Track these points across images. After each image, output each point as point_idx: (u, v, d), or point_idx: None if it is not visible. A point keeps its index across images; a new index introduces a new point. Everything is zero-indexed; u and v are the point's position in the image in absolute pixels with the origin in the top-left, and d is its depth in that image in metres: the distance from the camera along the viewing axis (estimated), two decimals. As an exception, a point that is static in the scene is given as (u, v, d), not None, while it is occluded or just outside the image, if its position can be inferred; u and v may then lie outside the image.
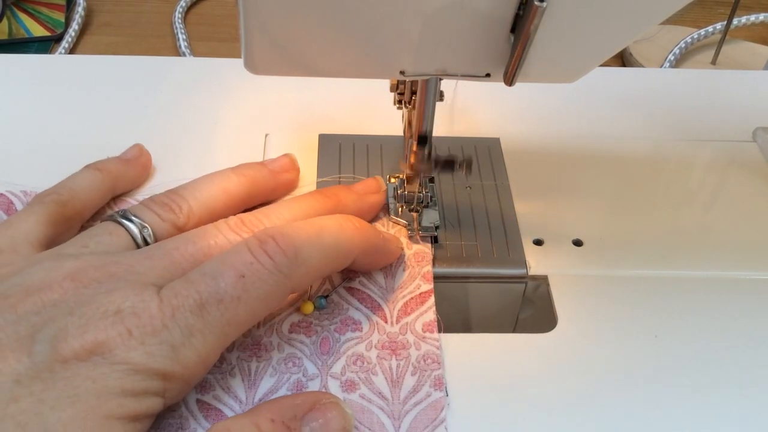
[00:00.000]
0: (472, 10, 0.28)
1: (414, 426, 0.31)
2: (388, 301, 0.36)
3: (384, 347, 0.34)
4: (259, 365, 0.33)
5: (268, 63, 0.31)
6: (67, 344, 0.27)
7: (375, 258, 0.36)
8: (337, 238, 0.33)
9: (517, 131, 0.47)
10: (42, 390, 0.26)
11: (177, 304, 0.28)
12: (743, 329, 0.36)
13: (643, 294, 0.37)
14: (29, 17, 0.67)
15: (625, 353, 0.35)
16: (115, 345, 0.27)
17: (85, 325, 0.27)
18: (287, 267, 0.30)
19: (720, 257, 0.40)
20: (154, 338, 0.27)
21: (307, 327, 0.34)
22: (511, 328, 0.41)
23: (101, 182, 0.38)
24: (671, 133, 0.48)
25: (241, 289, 0.29)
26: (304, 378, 0.33)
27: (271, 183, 0.39)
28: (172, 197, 0.36)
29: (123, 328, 0.27)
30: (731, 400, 0.33)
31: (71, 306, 0.28)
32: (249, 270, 0.29)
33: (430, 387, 0.32)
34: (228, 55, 0.63)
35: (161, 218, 0.34)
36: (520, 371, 0.34)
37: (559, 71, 0.32)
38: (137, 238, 0.34)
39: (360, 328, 0.35)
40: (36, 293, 0.29)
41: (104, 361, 0.27)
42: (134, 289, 0.29)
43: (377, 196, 0.39)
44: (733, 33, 0.70)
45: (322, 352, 0.34)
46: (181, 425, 0.31)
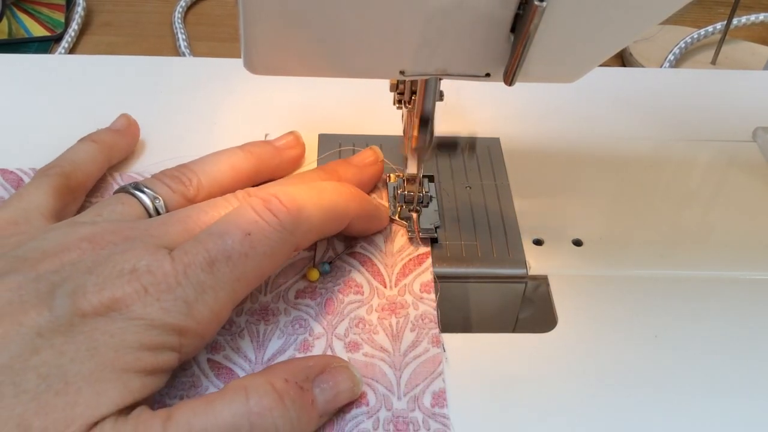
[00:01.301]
0: (472, 10, 0.28)
1: (413, 377, 0.33)
2: (387, 266, 0.38)
3: (384, 309, 0.36)
4: (267, 327, 0.34)
5: (268, 63, 0.31)
6: (86, 300, 0.28)
7: (368, 223, 0.38)
8: (335, 200, 0.34)
9: (517, 131, 0.47)
10: (62, 343, 0.27)
11: (188, 262, 0.29)
12: (743, 329, 0.36)
13: (643, 294, 0.37)
14: (29, 17, 0.67)
15: (625, 353, 0.35)
16: (132, 301, 0.28)
17: (103, 282, 0.28)
18: (290, 224, 0.32)
19: (720, 257, 0.40)
20: (169, 295, 0.28)
21: (312, 291, 0.36)
22: (511, 328, 0.41)
23: (98, 153, 0.40)
24: (671, 133, 0.48)
25: (248, 246, 0.30)
26: (310, 337, 0.34)
27: (277, 159, 0.41)
28: (183, 171, 0.37)
29: (139, 285, 0.28)
30: (731, 400, 0.33)
31: (89, 265, 0.29)
32: (254, 227, 0.31)
33: (428, 343, 0.34)
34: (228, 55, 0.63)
35: (172, 190, 0.36)
36: (520, 371, 0.34)
37: (559, 71, 0.32)
38: (149, 208, 0.35)
39: (361, 291, 0.36)
40: (54, 254, 0.30)
41: (121, 316, 0.28)
42: (148, 250, 0.30)
43: (375, 167, 0.41)
44: (733, 33, 0.70)
45: (327, 312, 0.35)
46: (193, 383, 0.32)
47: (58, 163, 0.38)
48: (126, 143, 0.42)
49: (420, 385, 0.32)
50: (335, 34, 0.29)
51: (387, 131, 0.45)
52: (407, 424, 0.31)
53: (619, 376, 0.34)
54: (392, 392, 0.32)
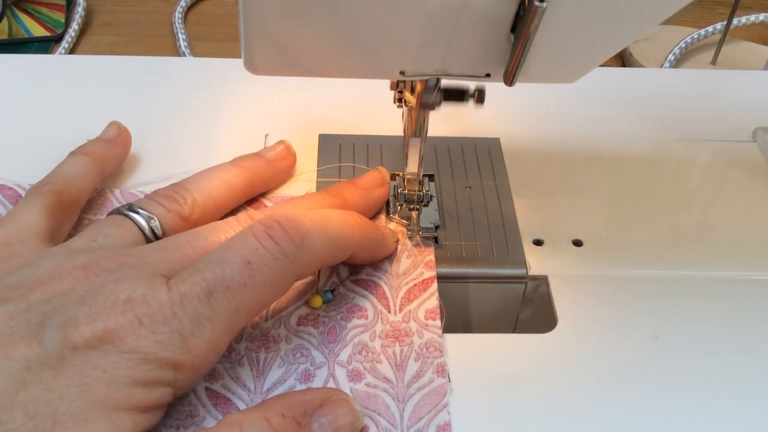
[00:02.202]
0: (472, 10, 0.28)
1: (417, 410, 0.32)
2: (392, 288, 0.37)
3: (387, 336, 0.35)
4: (267, 356, 0.33)
5: (268, 63, 0.31)
6: (78, 332, 0.27)
7: (372, 252, 0.37)
8: (340, 229, 0.33)
9: (517, 131, 0.47)
10: (52, 378, 0.26)
11: (185, 292, 0.28)
12: (743, 329, 0.36)
13: (643, 294, 0.37)
14: (29, 17, 0.67)
15: (625, 353, 0.35)
16: (126, 334, 0.27)
17: (96, 313, 0.27)
18: (292, 253, 0.30)
19: (720, 257, 0.40)
20: (164, 327, 0.28)
21: (314, 319, 0.35)
22: (511, 328, 0.41)
23: (91, 166, 0.39)
24: (671, 133, 0.48)
25: (247, 275, 0.29)
26: (311, 367, 0.33)
27: (269, 172, 0.41)
28: (176, 189, 0.36)
29: (133, 316, 0.27)
30: (731, 399, 0.33)
31: (81, 295, 0.28)
32: (255, 256, 0.29)
33: (433, 373, 0.33)
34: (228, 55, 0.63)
35: (167, 209, 0.35)
36: (520, 371, 0.34)
37: (559, 71, 0.32)
38: (145, 229, 0.34)
39: (365, 315, 0.35)
40: (46, 282, 0.29)
41: (114, 349, 0.27)
42: (143, 279, 0.29)
43: (382, 189, 0.40)
44: (733, 33, 0.70)
45: (329, 340, 0.34)
46: (190, 413, 0.31)
47: (49, 180, 0.37)
48: (118, 153, 0.41)
49: (424, 418, 0.31)
50: (335, 34, 0.29)
51: (387, 131, 0.45)
52: None
53: (619, 376, 0.34)
54: (395, 426, 0.31)
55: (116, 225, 0.34)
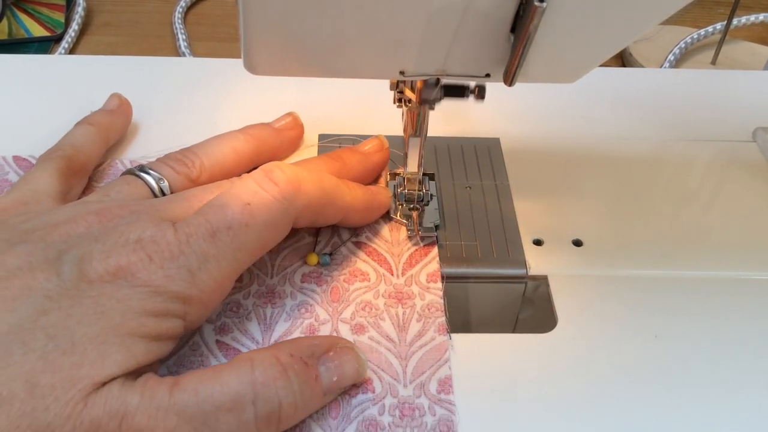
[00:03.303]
0: (472, 10, 0.28)
1: (420, 365, 0.33)
2: (393, 255, 0.38)
3: (390, 296, 0.36)
4: (273, 311, 0.35)
5: (268, 63, 0.31)
6: (92, 267, 0.29)
7: (367, 214, 0.39)
8: (334, 187, 0.36)
9: (517, 131, 0.47)
10: (70, 306, 0.28)
11: (191, 232, 0.30)
12: (743, 329, 0.36)
13: (643, 294, 0.37)
14: (29, 17, 0.67)
15: (625, 353, 0.35)
16: (137, 269, 0.29)
17: (109, 250, 0.29)
18: (291, 194, 0.33)
19: (720, 257, 0.40)
20: (172, 263, 0.29)
21: (317, 277, 0.37)
22: (511, 328, 0.41)
23: (96, 135, 0.41)
24: (671, 133, 0.48)
25: (248, 216, 0.31)
26: (316, 322, 0.35)
27: (277, 140, 0.42)
28: (186, 154, 0.38)
29: (143, 254, 0.29)
30: (731, 400, 0.33)
31: (95, 235, 0.30)
32: (254, 197, 0.32)
33: (435, 332, 0.35)
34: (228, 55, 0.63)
35: (176, 171, 0.37)
36: (520, 371, 0.34)
37: (559, 71, 0.32)
38: (154, 189, 0.36)
39: (368, 279, 0.37)
40: (62, 226, 0.31)
41: (127, 283, 0.29)
42: (152, 222, 0.31)
43: (381, 155, 0.42)
44: (733, 33, 0.70)
45: (333, 299, 0.36)
46: (202, 362, 0.33)
47: (59, 147, 0.39)
48: (121, 123, 0.44)
49: (426, 372, 0.33)
50: (335, 34, 0.29)
51: (387, 131, 0.45)
52: (413, 409, 0.32)
53: (619, 376, 0.34)
54: (398, 381, 0.33)
55: (127, 183, 0.36)
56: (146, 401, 0.27)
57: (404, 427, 0.31)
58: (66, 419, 0.26)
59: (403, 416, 0.31)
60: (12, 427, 0.25)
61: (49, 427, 0.26)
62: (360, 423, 0.31)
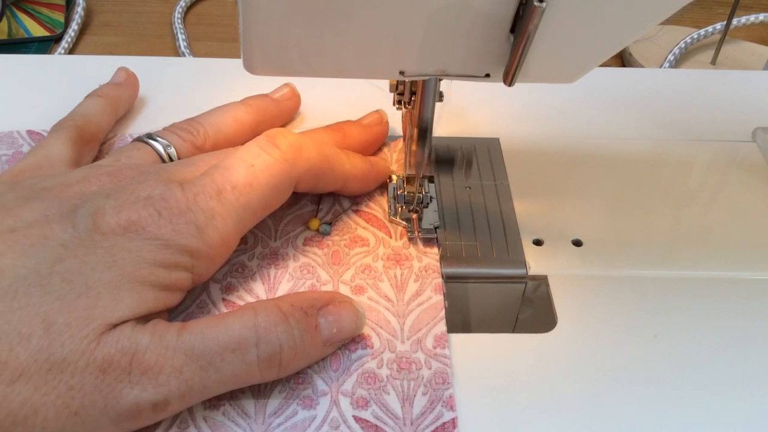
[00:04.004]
0: (472, 10, 0.28)
1: (417, 323, 0.35)
2: (392, 223, 0.40)
3: (389, 258, 0.38)
4: (277, 272, 0.37)
5: (268, 63, 0.31)
6: (105, 221, 0.30)
7: (366, 183, 0.40)
8: (334, 154, 0.38)
9: (517, 131, 0.47)
10: (84, 254, 0.30)
11: (197, 191, 0.32)
12: (743, 329, 0.36)
13: (643, 294, 0.37)
14: (29, 17, 0.67)
15: (625, 353, 0.35)
16: (147, 223, 0.31)
17: (120, 206, 0.31)
18: (292, 157, 0.35)
19: (720, 257, 0.40)
20: (181, 218, 0.31)
21: (319, 241, 0.39)
22: (510, 328, 0.41)
23: (106, 106, 0.43)
24: (671, 133, 0.48)
25: (252, 177, 0.33)
26: (317, 283, 0.37)
27: (276, 110, 0.44)
28: (191, 123, 0.40)
29: (153, 210, 0.31)
30: (731, 400, 0.33)
31: (107, 192, 0.32)
32: (258, 160, 0.34)
33: (431, 292, 0.36)
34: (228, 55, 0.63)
35: (182, 139, 0.39)
36: (519, 371, 0.34)
37: (559, 71, 0.32)
38: (162, 155, 0.38)
39: (367, 244, 0.39)
40: (76, 185, 0.33)
41: (138, 237, 0.30)
42: (161, 181, 0.32)
43: (381, 127, 0.43)
44: (732, 33, 0.70)
45: (334, 262, 0.37)
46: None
47: (71, 116, 0.41)
48: (128, 95, 0.46)
49: (423, 329, 0.34)
50: (335, 34, 0.29)
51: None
52: (410, 363, 0.33)
53: (618, 376, 0.34)
54: (396, 337, 0.34)
55: (137, 149, 0.38)
56: (156, 340, 0.29)
57: (401, 379, 0.33)
58: (80, 355, 0.28)
59: (400, 369, 0.33)
60: (30, 361, 0.27)
61: (64, 361, 0.28)
62: (359, 375, 0.33)
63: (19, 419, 0.27)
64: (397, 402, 0.32)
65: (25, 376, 0.27)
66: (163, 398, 0.29)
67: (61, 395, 0.27)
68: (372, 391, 0.32)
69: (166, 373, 0.29)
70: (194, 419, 0.31)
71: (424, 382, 0.32)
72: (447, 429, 0.31)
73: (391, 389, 0.32)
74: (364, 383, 0.32)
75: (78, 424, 0.28)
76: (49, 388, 0.27)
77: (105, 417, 0.28)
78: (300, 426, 0.31)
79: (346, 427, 0.31)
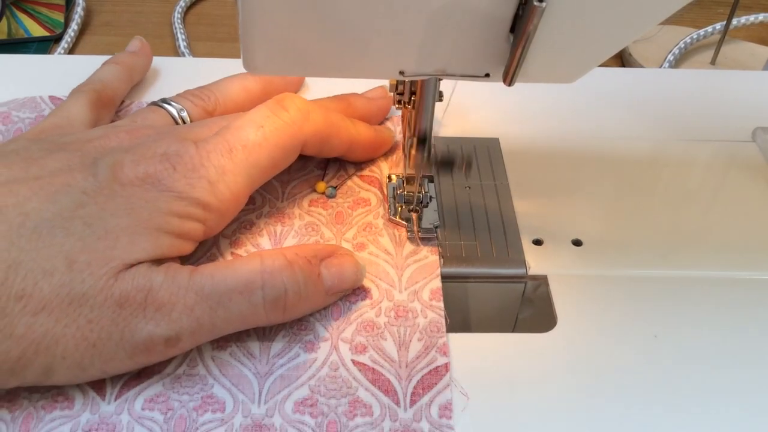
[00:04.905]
0: (472, 10, 0.28)
1: (413, 276, 0.37)
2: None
3: (389, 219, 0.40)
4: (283, 228, 0.39)
5: (268, 63, 0.31)
6: (123, 173, 0.32)
7: (370, 149, 0.42)
8: (339, 120, 0.40)
9: (517, 131, 0.47)
10: (104, 202, 0.32)
11: (210, 149, 0.34)
12: (743, 329, 0.36)
13: (643, 294, 0.37)
14: (28, 17, 0.67)
15: (625, 353, 0.35)
16: (163, 177, 0.33)
17: (138, 160, 0.33)
18: (300, 119, 0.37)
19: (720, 257, 0.40)
20: (194, 173, 0.33)
21: (324, 203, 0.41)
22: (510, 328, 0.41)
23: (122, 72, 0.46)
24: (671, 133, 0.48)
25: (261, 137, 0.35)
26: (321, 239, 0.39)
27: (282, 82, 0.46)
28: (202, 90, 0.43)
29: (169, 164, 0.33)
30: (731, 400, 0.33)
31: (126, 147, 0.34)
32: (267, 122, 0.36)
33: (428, 252, 0.38)
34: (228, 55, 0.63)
35: (194, 104, 0.42)
36: (519, 371, 0.34)
37: (559, 71, 0.32)
38: (176, 117, 0.41)
39: (369, 204, 0.41)
40: (96, 140, 0.35)
41: (154, 188, 0.32)
42: (176, 140, 0.35)
43: (384, 101, 0.45)
44: (732, 33, 0.70)
45: (337, 222, 0.40)
46: None
47: (89, 81, 0.44)
48: (143, 62, 0.48)
49: (419, 282, 0.37)
50: (335, 34, 0.29)
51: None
52: (407, 312, 0.35)
53: (618, 375, 0.34)
54: (394, 287, 0.36)
55: (152, 112, 0.40)
56: (169, 280, 0.31)
57: (398, 326, 0.35)
58: (99, 290, 0.30)
59: (397, 317, 0.35)
60: (53, 295, 0.29)
61: (84, 296, 0.30)
62: (359, 324, 0.35)
63: (41, 348, 0.29)
64: (393, 347, 0.34)
65: (47, 308, 0.29)
66: (175, 334, 0.31)
67: (80, 327, 0.30)
68: (370, 338, 0.34)
69: (178, 310, 0.31)
70: (203, 359, 0.33)
71: (419, 329, 0.35)
72: (440, 373, 0.33)
73: (388, 335, 0.34)
74: (362, 331, 0.34)
75: (95, 355, 0.30)
76: (69, 320, 0.29)
77: (121, 349, 0.30)
78: (302, 367, 0.33)
79: (344, 369, 0.33)
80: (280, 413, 0.31)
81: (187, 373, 0.33)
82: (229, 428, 0.31)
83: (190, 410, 0.31)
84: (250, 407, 0.32)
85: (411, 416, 0.31)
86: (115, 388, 0.32)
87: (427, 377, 0.33)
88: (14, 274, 0.29)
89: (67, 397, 0.31)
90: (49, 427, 0.30)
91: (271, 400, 0.32)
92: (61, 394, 0.31)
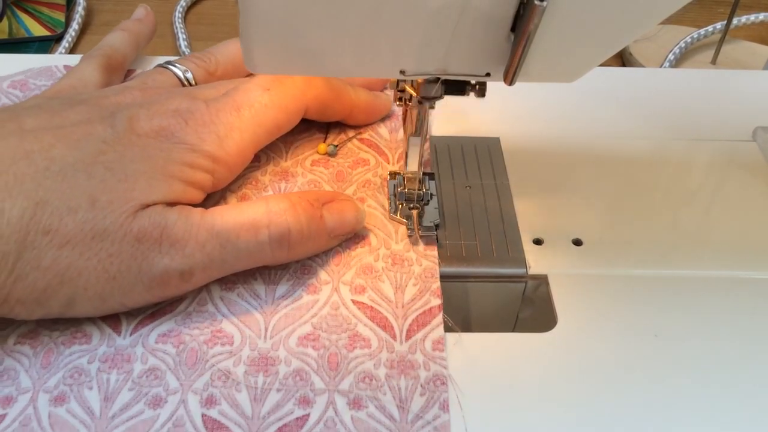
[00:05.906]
0: (472, 9, 0.28)
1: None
2: (390, 149, 0.44)
3: (386, 179, 0.42)
4: (287, 185, 0.41)
5: (269, 62, 0.31)
6: (139, 125, 0.35)
7: (369, 114, 0.45)
8: (341, 85, 0.43)
9: (517, 131, 0.47)
10: (123, 150, 0.34)
11: (219, 107, 0.37)
12: (743, 329, 0.36)
13: (643, 294, 0.37)
14: (29, 17, 0.67)
15: (625, 353, 0.35)
16: (175, 130, 0.35)
17: (152, 114, 0.36)
18: (303, 84, 0.40)
19: (720, 257, 0.40)
20: (204, 128, 0.36)
21: (325, 162, 0.43)
22: (510, 327, 0.41)
23: (129, 38, 0.48)
24: (671, 133, 0.48)
25: (267, 98, 0.38)
26: None
27: None
28: (204, 53, 0.45)
29: (181, 119, 0.36)
30: (731, 399, 0.33)
31: (140, 103, 0.37)
32: (273, 85, 0.39)
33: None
34: (228, 54, 0.63)
35: (197, 65, 0.44)
36: (519, 371, 0.34)
37: (559, 71, 0.32)
38: (181, 78, 0.43)
39: (368, 164, 0.43)
40: (112, 97, 0.38)
41: (168, 140, 0.35)
42: (187, 98, 0.37)
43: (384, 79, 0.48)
44: (733, 33, 0.70)
45: (337, 180, 0.42)
46: None
47: (99, 47, 0.46)
48: (148, 29, 0.51)
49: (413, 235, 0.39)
50: (335, 33, 0.29)
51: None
52: (403, 260, 0.38)
53: (619, 375, 0.34)
54: (390, 237, 0.39)
55: (160, 73, 0.43)
56: (183, 218, 0.33)
57: (395, 271, 0.37)
58: (119, 227, 0.32)
59: (394, 264, 0.38)
60: (77, 230, 0.32)
61: (105, 231, 0.32)
62: (358, 269, 0.37)
63: (65, 279, 0.31)
64: (390, 289, 0.36)
65: (72, 242, 0.31)
66: (189, 268, 0.33)
67: (101, 261, 0.32)
68: (369, 280, 0.37)
69: (191, 246, 0.33)
70: (212, 298, 0.36)
71: (415, 275, 0.37)
72: (433, 313, 0.35)
73: (386, 278, 0.37)
74: (362, 274, 0.37)
75: (115, 287, 0.32)
76: (91, 254, 0.32)
77: (139, 282, 0.33)
78: (304, 307, 0.35)
79: (345, 308, 0.36)
80: (284, 347, 0.34)
81: (197, 310, 0.35)
82: (237, 360, 0.33)
83: (200, 343, 0.34)
84: (256, 341, 0.34)
85: (406, 349, 0.34)
86: (130, 326, 0.34)
87: (421, 317, 0.35)
88: (41, 211, 0.31)
89: (85, 334, 0.34)
90: (69, 360, 0.33)
91: (276, 335, 0.34)
92: (80, 331, 0.34)
